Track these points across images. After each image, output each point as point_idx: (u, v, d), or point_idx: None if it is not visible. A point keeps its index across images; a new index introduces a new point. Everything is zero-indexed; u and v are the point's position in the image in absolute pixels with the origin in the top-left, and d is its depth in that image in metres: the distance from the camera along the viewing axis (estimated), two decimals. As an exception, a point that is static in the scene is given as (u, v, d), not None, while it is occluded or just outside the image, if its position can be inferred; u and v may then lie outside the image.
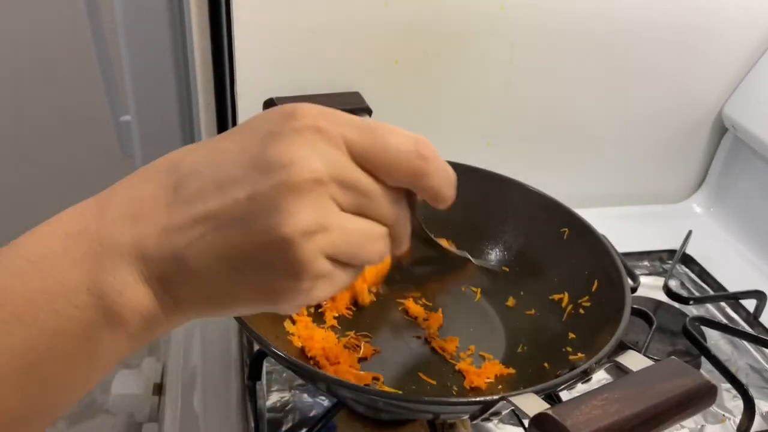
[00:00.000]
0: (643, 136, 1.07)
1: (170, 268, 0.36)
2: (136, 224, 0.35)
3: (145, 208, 0.36)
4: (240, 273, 0.35)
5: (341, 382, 0.58)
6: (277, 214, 0.34)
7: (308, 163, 0.34)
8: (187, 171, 0.36)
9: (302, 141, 0.34)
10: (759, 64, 1.02)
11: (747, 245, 1.04)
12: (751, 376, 0.82)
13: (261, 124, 0.36)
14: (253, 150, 0.35)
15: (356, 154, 0.36)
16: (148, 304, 0.36)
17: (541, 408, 0.45)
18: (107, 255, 0.35)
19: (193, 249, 0.35)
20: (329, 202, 0.35)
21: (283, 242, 0.34)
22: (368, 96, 0.89)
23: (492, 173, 0.83)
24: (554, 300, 0.75)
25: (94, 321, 0.35)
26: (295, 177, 0.34)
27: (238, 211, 0.34)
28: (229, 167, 0.35)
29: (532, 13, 0.92)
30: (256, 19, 0.84)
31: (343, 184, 0.36)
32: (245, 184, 0.34)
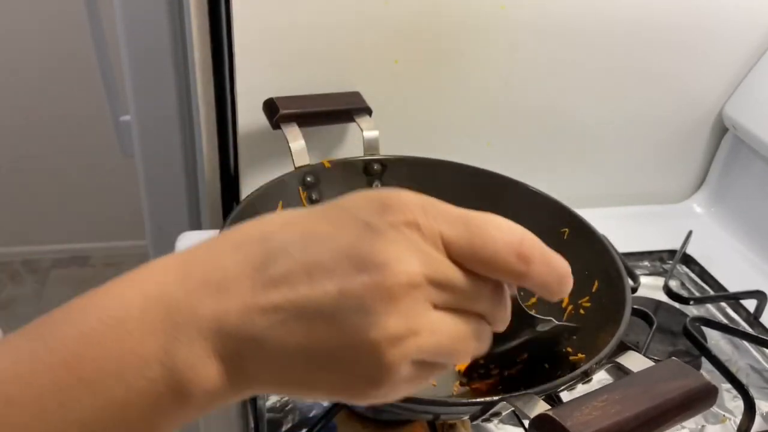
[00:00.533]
0: (643, 136, 1.07)
1: (246, 349, 0.34)
2: (218, 297, 0.34)
3: (230, 281, 0.34)
4: (317, 366, 0.34)
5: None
6: (367, 317, 0.32)
7: (404, 265, 0.33)
8: (277, 248, 0.34)
9: (399, 238, 0.33)
10: (759, 64, 1.02)
11: (747, 245, 1.04)
12: (752, 376, 0.82)
13: (357, 211, 0.35)
14: (348, 240, 0.33)
15: (454, 251, 0.35)
16: (218, 381, 0.34)
17: (542, 409, 0.45)
18: (185, 326, 0.33)
19: (273, 333, 0.33)
20: (423, 304, 0.34)
21: (369, 346, 0.33)
22: (368, 96, 0.89)
23: (492, 173, 0.83)
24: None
25: (162, 394, 0.33)
26: (389, 280, 0.32)
27: (326, 304, 0.33)
28: (322, 255, 0.33)
29: (532, 12, 0.92)
30: (256, 19, 0.84)
31: (438, 284, 0.34)
32: (337, 277, 0.33)
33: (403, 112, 0.96)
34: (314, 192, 0.81)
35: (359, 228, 0.34)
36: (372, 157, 0.84)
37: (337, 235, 0.34)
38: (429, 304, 0.34)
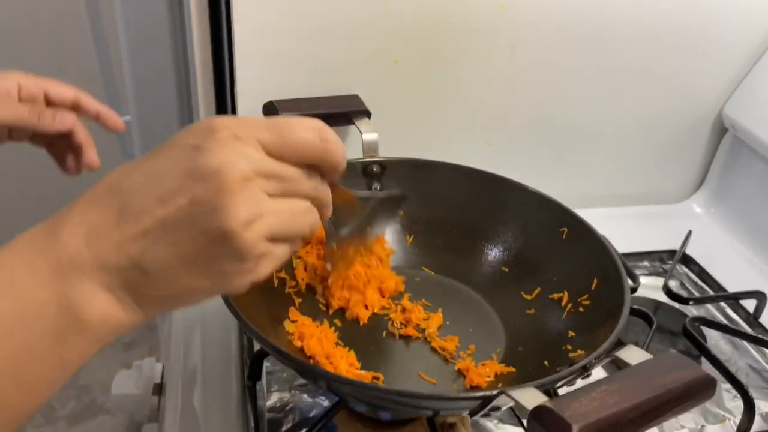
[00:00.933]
0: (643, 136, 1.07)
1: (131, 276, 0.41)
2: (91, 242, 0.40)
3: (97, 227, 0.40)
4: (194, 267, 0.41)
5: (342, 379, 0.58)
6: (218, 213, 0.39)
7: (235, 165, 0.40)
8: (128, 190, 0.41)
9: (225, 149, 0.40)
10: (759, 65, 1.02)
11: (747, 245, 1.04)
12: (751, 376, 0.82)
13: (185, 141, 0.41)
14: (185, 163, 0.40)
15: (271, 150, 0.42)
16: (112, 310, 0.41)
17: (540, 401, 0.45)
18: (70, 271, 0.40)
19: (149, 255, 0.40)
20: (259, 193, 0.41)
21: (228, 235, 0.40)
22: (368, 96, 0.89)
23: (492, 173, 0.83)
24: (554, 299, 0.75)
25: (62, 330, 0.40)
26: (226, 178, 0.39)
27: (183, 215, 0.40)
28: (167, 181, 0.40)
29: (532, 13, 0.92)
30: (256, 19, 0.84)
31: (266, 175, 0.42)
32: (184, 192, 0.40)
33: (402, 112, 0.96)
34: (314, 192, 0.81)
35: (190, 151, 0.41)
36: (371, 159, 0.84)
37: (173, 163, 0.41)
38: (264, 194, 0.42)
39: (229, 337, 0.80)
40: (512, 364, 0.70)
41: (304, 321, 0.71)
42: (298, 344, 0.69)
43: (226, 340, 0.80)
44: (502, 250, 0.82)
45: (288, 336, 0.70)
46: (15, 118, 0.67)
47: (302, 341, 0.69)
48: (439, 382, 0.69)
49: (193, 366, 0.77)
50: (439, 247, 0.83)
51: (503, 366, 0.70)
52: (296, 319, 0.71)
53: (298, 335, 0.70)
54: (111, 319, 0.41)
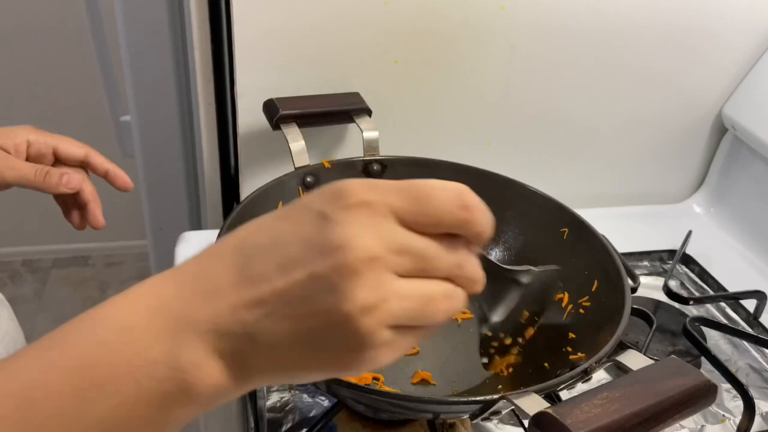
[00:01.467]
0: (643, 136, 1.07)
1: (242, 344, 0.38)
2: (208, 302, 0.38)
3: (216, 286, 0.38)
4: (306, 347, 0.38)
5: (341, 382, 0.58)
6: (337, 294, 0.36)
7: (362, 242, 0.36)
8: (251, 252, 0.38)
9: (353, 219, 0.37)
10: (759, 65, 1.02)
11: (747, 245, 1.04)
12: (751, 376, 0.82)
13: (312, 204, 0.38)
14: (309, 231, 0.37)
15: (404, 219, 0.38)
16: (221, 377, 0.38)
17: (541, 407, 0.45)
18: (185, 331, 0.37)
19: (262, 326, 0.37)
20: (386, 274, 0.37)
21: (344, 319, 0.36)
22: (368, 96, 0.89)
23: (492, 172, 0.83)
24: (554, 300, 0.75)
25: (170, 392, 0.37)
26: (350, 257, 0.36)
27: (300, 290, 0.36)
28: (289, 249, 0.37)
29: (532, 13, 0.92)
30: (256, 19, 0.84)
31: (397, 251, 0.37)
32: (305, 265, 0.36)
33: (402, 112, 0.96)
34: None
35: (316, 218, 0.37)
36: (372, 157, 0.84)
37: (299, 229, 0.38)
38: (392, 273, 0.37)
39: (230, 337, 0.80)
40: (512, 365, 0.71)
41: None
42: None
43: (227, 340, 0.80)
44: (502, 250, 0.82)
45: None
46: (20, 179, 0.67)
47: None
48: (439, 383, 0.69)
49: (194, 366, 0.77)
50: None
51: (503, 366, 0.70)
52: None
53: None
54: (218, 386, 0.38)
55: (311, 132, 0.86)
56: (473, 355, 0.73)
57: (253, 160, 0.94)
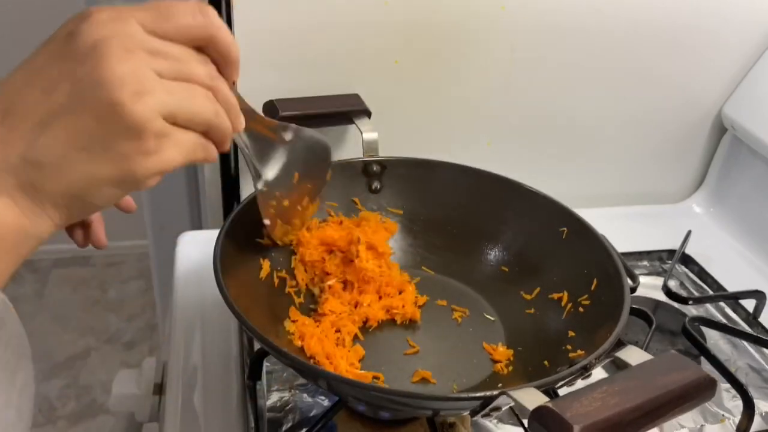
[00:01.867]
0: (643, 136, 1.07)
1: (25, 172, 0.39)
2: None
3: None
4: (89, 152, 0.39)
5: (342, 379, 0.58)
6: (102, 85, 0.38)
7: (114, 39, 0.38)
8: (11, 91, 0.40)
9: (101, 28, 0.39)
10: (759, 64, 1.03)
11: (746, 245, 1.04)
12: (751, 376, 0.82)
13: (59, 32, 0.40)
14: (60, 50, 0.39)
15: (152, 29, 0.41)
16: (11, 214, 0.40)
17: (541, 401, 0.45)
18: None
19: (41, 145, 0.39)
20: (145, 67, 0.39)
21: (115, 106, 0.38)
22: (368, 97, 0.89)
23: (492, 173, 0.83)
24: (554, 299, 0.75)
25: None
26: (105, 50, 0.38)
27: (68, 99, 0.38)
28: (47, 72, 0.39)
29: (532, 13, 0.92)
30: (256, 20, 0.84)
31: (150, 51, 0.40)
32: (65, 76, 0.39)
33: (403, 112, 0.96)
34: (314, 192, 0.81)
35: (65, 38, 0.39)
36: (371, 158, 0.84)
37: (50, 54, 0.40)
38: (151, 70, 0.40)
39: (229, 337, 0.80)
40: (512, 364, 0.71)
41: (304, 321, 0.71)
42: (298, 344, 0.69)
43: (226, 340, 0.80)
44: (502, 250, 0.82)
45: (288, 336, 0.70)
46: None
47: (302, 341, 0.69)
48: (439, 381, 0.69)
49: (193, 366, 0.77)
50: (439, 246, 0.84)
51: (503, 365, 0.70)
52: (296, 318, 0.71)
53: (299, 335, 0.70)
54: (12, 224, 0.40)
55: (311, 132, 0.86)
56: (473, 354, 0.73)
57: (253, 160, 0.94)
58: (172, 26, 0.42)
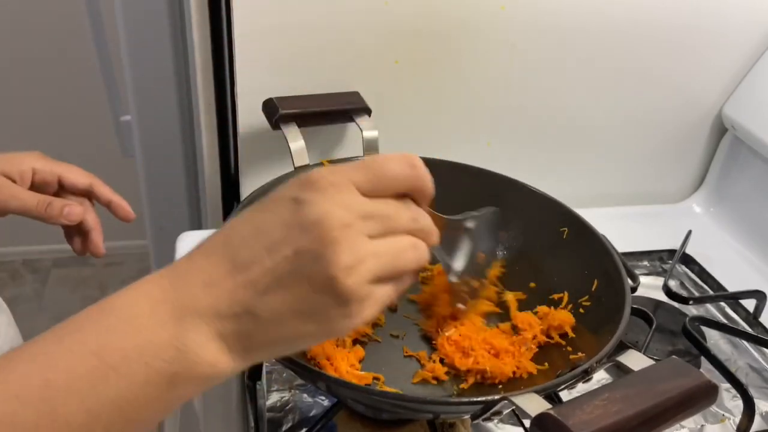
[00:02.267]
0: (643, 136, 1.07)
1: (244, 322, 0.42)
2: (208, 290, 0.42)
3: (213, 277, 0.42)
4: (301, 313, 0.43)
5: (342, 382, 0.58)
6: (321, 261, 0.41)
7: (334, 214, 0.42)
8: (238, 243, 0.43)
9: (323, 199, 0.42)
10: (759, 64, 1.02)
11: (746, 245, 1.04)
12: (751, 375, 0.82)
13: (285, 193, 0.44)
14: (288, 216, 0.42)
15: (365, 188, 0.44)
16: (222, 356, 0.43)
17: (543, 408, 0.45)
18: (189, 317, 0.42)
19: (260, 301, 0.42)
20: (360, 237, 0.43)
21: (331, 281, 0.41)
22: (368, 96, 0.89)
23: (492, 172, 0.83)
24: (554, 299, 0.75)
25: (177, 372, 0.41)
26: (326, 227, 0.41)
27: (289, 265, 0.42)
28: (272, 233, 0.42)
29: (532, 13, 0.92)
30: (257, 20, 0.84)
31: (364, 217, 0.43)
32: (289, 243, 0.42)
33: (403, 111, 0.96)
34: (314, 192, 0.81)
35: (290, 204, 0.43)
36: (372, 157, 0.84)
37: (277, 216, 0.43)
38: (365, 237, 0.43)
39: (230, 337, 0.80)
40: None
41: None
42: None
43: (227, 340, 0.80)
44: (503, 250, 0.82)
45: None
46: (22, 209, 0.70)
47: None
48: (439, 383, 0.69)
49: (194, 366, 0.77)
50: (439, 246, 0.83)
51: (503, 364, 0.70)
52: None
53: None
54: (219, 365, 0.43)
55: (311, 131, 0.86)
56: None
57: (253, 160, 0.94)
58: (384, 184, 0.45)
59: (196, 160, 1.05)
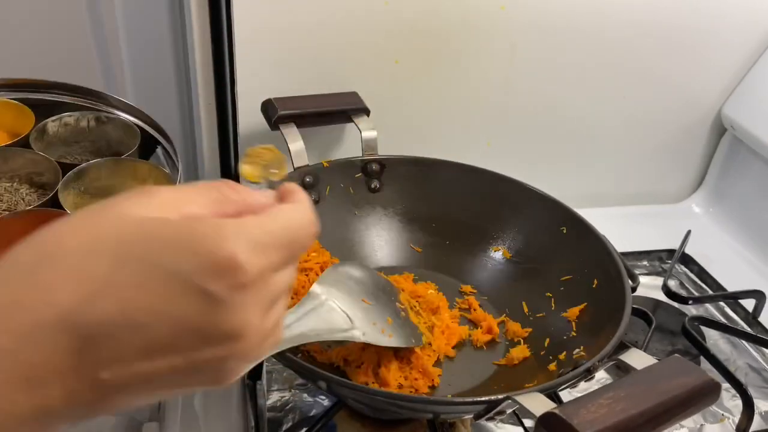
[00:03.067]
0: (643, 137, 1.07)
1: (85, 413, 0.32)
2: (32, 391, 0.30)
3: (42, 374, 0.30)
4: (168, 394, 0.34)
5: (341, 382, 0.58)
6: (220, 376, 0.33)
7: (254, 326, 0.33)
8: (91, 331, 0.30)
9: (247, 302, 0.32)
10: (758, 65, 1.03)
11: (746, 245, 1.04)
12: (750, 375, 0.82)
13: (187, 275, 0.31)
14: (190, 315, 0.31)
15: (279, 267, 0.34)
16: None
17: (547, 407, 0.45)
18: (5, 429, 0.30)
19: (116, 399, 0.32)
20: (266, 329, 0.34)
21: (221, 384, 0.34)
22: (368, 96, 0.89)
23: (492, 172, 0.83)
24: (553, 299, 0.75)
25: None
26: (239, 350, 0.32)
27: (174, 373, 0.32)
28: (157, 331, 0.31)
29: (532, 12, 0.92)
30: (257, 19, 0.84)
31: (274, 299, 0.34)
32: (182, 353, 0.31)
33: (402, 111, 0.96)
34: (313, 192, 0.81)
35: (196, 298, 0.31)
36: (370, 157, 0.84)
37: (170, 310, 0.31)
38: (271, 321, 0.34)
39: (230, 336, 0.80)
40: (516, 364, 0.71)
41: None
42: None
43: (227, 339, 0.79)
44: (502, 249, 0.82)
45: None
46: None
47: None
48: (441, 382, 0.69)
49: (194, 366, 0.77)
50: (439, 245, 0.84)
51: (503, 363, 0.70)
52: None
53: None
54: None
55: (310, 132, 0.86)
56: (474, 355, 0.73)
57: (252, 160, 0.94)
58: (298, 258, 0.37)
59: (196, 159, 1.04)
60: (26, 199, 0.72)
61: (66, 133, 0.80)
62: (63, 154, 0.79)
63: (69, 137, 0.81)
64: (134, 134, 0.80)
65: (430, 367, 0.68)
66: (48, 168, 0.73)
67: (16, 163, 0.74)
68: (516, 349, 0.71)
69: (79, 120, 0.81)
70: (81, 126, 0.81)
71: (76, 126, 0.81)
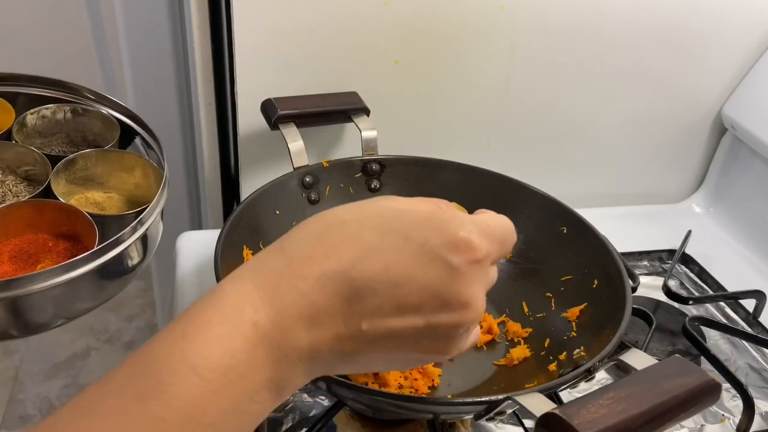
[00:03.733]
0: (643, 137, 1.07)
1: (337, 363, 0.41)
2: (312, 329, 0.39)
3: (321, 315, 0.39)
4: (395, 366, 0.45)
5: (341, 382, 0.58)
6: (448, 343, 0.41)
7: (480, 302, 0.41)
8: (363, 286, 0.39)
9: (476, 278, 0.40)
10: (758, 65, 1.03)
11: (746, 245, 1.04)
12: (751, 375, 0.82)
13: (436, 248, 0.40)
14: (436, 282, 0.39)
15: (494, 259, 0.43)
16: (306, 380, 0.42)
17: (548, 407, 0.45)
18: (286, 358, 0.39)
19: (364, 353, 0.41)
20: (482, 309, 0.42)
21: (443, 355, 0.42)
22: (368, 96, 0.89)
23: (492, 171, 0.83)
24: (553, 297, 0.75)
25: (267, 409, 0.40)
26: (470, 317, 0.40)
27: (413, 333, 0.40)
28: (409, 293, 0.39)
29: (532, 13, 0.92)
30: (257, 19, 0.84)
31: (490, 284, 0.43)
32: (424, 313, 0.40)
33: (403, 111, 0.96)
34: (313, 192, 0.81)
35: (441, 268, 0.39)
36: (370, 157, 0.84)
37: (421, 275, 0.39)
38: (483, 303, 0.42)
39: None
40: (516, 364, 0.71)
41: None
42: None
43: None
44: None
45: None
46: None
47: None
48: (441, 382, 0.69)
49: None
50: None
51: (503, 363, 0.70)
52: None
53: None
54: (299, 387, 0.42)
55: (310, 132, 0.86)
56: (474, 355, 0.73)
57: (253, 160, 0.94)
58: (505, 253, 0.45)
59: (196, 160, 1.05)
60: (13, 190, 0.74)
61: (43, 125, 0.82)
62: (40, 146, 0.81)
63: (46, 129, 0.83)
64: (112, 125, 0.82)
65: (429, 368, 0.68)
66: (36, 160, 0.75)
67: (6, 155, 0.77)
68: (516, 350, 0.71)
69: (55, 112, 0.83)
70: (57, 118, 0.83)
71: (52, 118, 0.83)
